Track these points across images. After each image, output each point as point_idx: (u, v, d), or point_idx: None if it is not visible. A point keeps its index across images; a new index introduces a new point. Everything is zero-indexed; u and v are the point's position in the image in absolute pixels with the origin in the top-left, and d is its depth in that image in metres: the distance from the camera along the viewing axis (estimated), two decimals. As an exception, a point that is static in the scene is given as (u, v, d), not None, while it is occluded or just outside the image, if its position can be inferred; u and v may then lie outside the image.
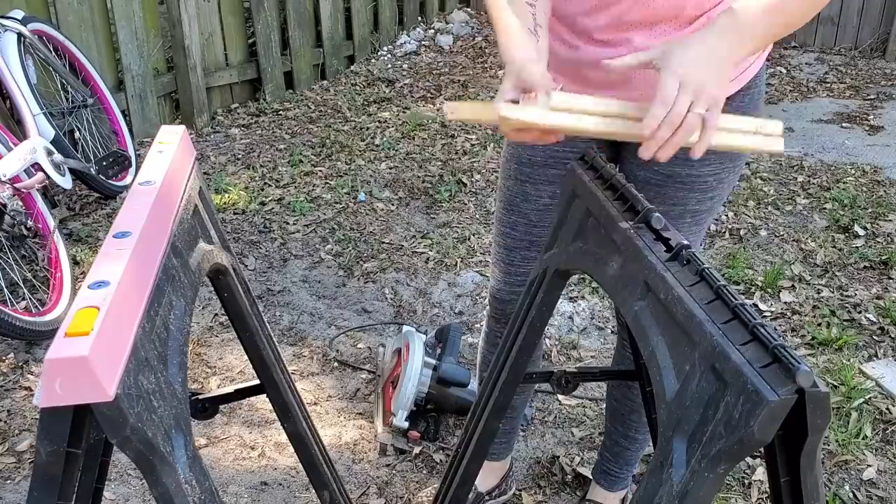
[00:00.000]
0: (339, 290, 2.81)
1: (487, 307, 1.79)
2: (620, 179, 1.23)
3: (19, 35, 2.89)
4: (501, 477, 2.00)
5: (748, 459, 2.09)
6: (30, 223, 2.52)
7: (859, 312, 2.70)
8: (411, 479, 2.03)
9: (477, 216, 3.32)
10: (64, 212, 3.11)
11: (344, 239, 3.10)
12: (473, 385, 2.16)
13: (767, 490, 1.95)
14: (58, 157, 2.74)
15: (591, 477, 1.98)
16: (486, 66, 4.96)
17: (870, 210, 3.40)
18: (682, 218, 1.50)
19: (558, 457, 2.12)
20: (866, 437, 2.16)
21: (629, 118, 1.09)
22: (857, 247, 3.12)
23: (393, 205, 3.38)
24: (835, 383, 2.35)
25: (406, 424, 2.08)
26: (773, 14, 1.14)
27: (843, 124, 4.50)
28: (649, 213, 1.10)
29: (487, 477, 1.99)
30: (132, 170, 3.38)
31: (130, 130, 3.61)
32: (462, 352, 2.46)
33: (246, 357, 1.34)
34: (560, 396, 2.33)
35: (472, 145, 3.90)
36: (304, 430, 1.43)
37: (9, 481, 1.95)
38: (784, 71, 5.34)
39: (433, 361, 2.16)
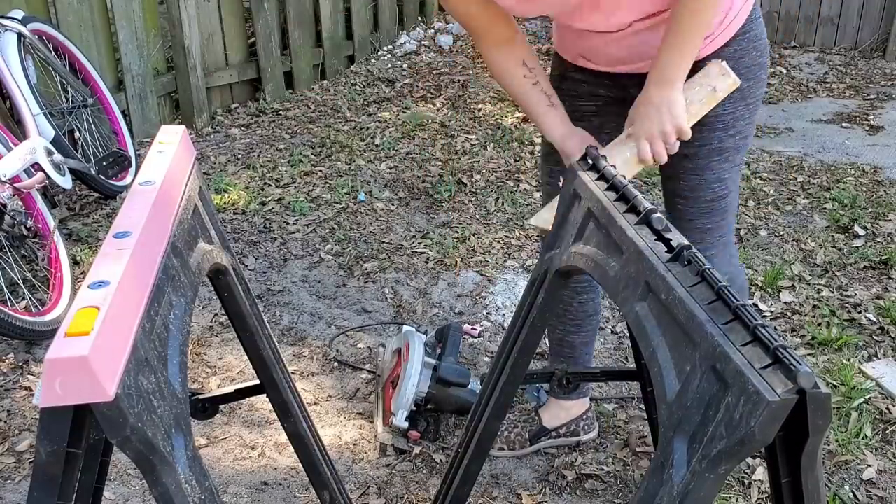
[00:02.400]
0: (339, 290, 2.81)
1: None
2: (622, 180, 1.23)
3: (19, 35, 2.89)
4: (572, 418, 2.08)
5: (748, 459, 2.09)
6: (30, 223, 2.52)
7: (859, 312, 2.70)
8: (411, 479, 2.03)
9: (477, 216, 3.32)
10: (64, 212, 3.11)
11: (344, 239, 3.10)
12: (473, 385, 2.16)
13: (767, 490, 1.95)
14: (58, 157, 2.74)
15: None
16: (485, 66, 4.96)
17: (870, 210, 3.40)
18: (711, 157, 1.65)
19: (559, 457, 2.12)
20: (866, 437, 2.16)
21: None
22: (857, 247, 3.12)
23: (393, 205, 3.38)
24: (835, 383, 2.35)
25: (406, 424, 2.08)
26: (680, 38, 1.45)
27: (843, 124, 4.50)
28: (650, 213, 1.10)
29: (555, 413, 2.08)
30: (132, 170, 3.38)
31: (130, 130, 3.61)
32: (462, 352, 2.46)
33: (246, 357, 1.34)
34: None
35: (472, 145, 3.90)
36: (304, 430, 1.43)
37: (9, 481, 1.95)
38: (784, 71, 5.34)
39: (433, 361, 2.16)
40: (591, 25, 1.54)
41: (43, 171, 2.62)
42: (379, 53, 5.06)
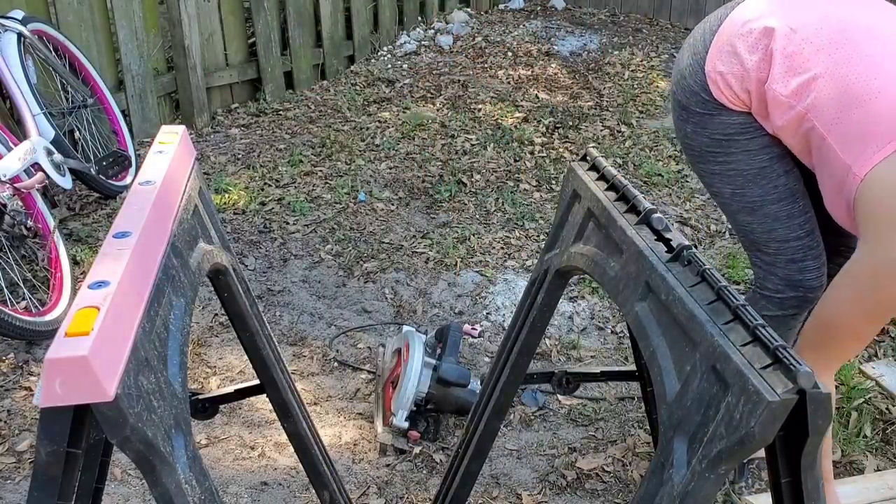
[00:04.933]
0: (339, 290, 2.81)
1: None
2: (622, 180, 1.23)
3: (19, 35, 2.89)
4: None
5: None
6: (30, 223, 2.52)
7: (859, 313, 2.70)
8: (411, 479, 2.03)
9: (477, 216, 3.32)
10: (64, 212, 3.11)
11: (344, 239, 3.10)
12: (473, 385, 2.16)
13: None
14: (58, 157, 2.74)
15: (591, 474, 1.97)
16: (485, 66, 4.96)
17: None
18: None
19: (559, 457, 2.12)
20: (866, 436, 2.16)
21: None
22: (857, 247, 3.12)
23: (393, 205, 3.38)
24: (835, 383, 2.35)
25: (406, 424, 2.08)
26: None
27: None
28: (650, 213, 1.10)
29: None
30: (132, 170, 3.38)
31: (130, 130, 3.61)
32: (462, 352, 2.46)
33: (246, 357, 1.34)
34: (560, 396, 2.33)
35: (472, 145, 3.90)
36: (304, 430, 1.43)
37: (9, 481, 1.95)
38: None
39: (433, 361, 2.16)
40: None
41: (43, 171, 2.62)
42: (379, 53, 5.06)
